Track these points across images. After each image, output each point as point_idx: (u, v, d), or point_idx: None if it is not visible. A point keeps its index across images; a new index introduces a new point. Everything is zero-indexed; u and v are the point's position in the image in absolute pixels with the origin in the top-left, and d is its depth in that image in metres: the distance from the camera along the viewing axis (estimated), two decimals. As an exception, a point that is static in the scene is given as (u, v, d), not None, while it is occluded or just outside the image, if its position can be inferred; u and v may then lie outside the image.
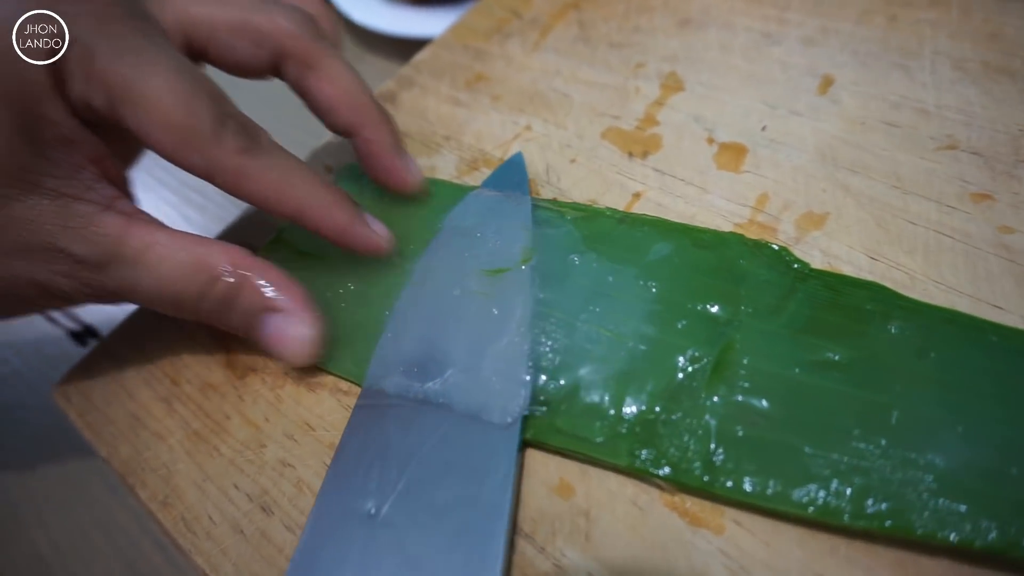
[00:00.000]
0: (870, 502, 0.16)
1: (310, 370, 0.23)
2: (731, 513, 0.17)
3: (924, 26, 0.26)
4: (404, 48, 0.42)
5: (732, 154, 0.24)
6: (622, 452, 0.18)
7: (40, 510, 0.30)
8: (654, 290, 0.21)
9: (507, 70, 0.30)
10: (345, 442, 0.20)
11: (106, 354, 0.25)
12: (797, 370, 0.19)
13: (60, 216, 0.19)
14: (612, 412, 0.19)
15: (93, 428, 0.24)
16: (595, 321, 0.21)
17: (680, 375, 0.19)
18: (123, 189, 0.22)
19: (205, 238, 0.21)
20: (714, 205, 0.23)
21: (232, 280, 0.21)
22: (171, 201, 0.42)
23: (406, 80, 0.31)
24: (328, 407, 0.22)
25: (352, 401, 0.22)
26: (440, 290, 0.22)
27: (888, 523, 0.16)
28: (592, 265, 0.22)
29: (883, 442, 0.17)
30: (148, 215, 0.21)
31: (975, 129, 0.22)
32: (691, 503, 0.18)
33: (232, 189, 0.21)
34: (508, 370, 0.20)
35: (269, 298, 0.21)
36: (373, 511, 0.18)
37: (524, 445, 0.19)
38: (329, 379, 0.22)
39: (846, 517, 0.16)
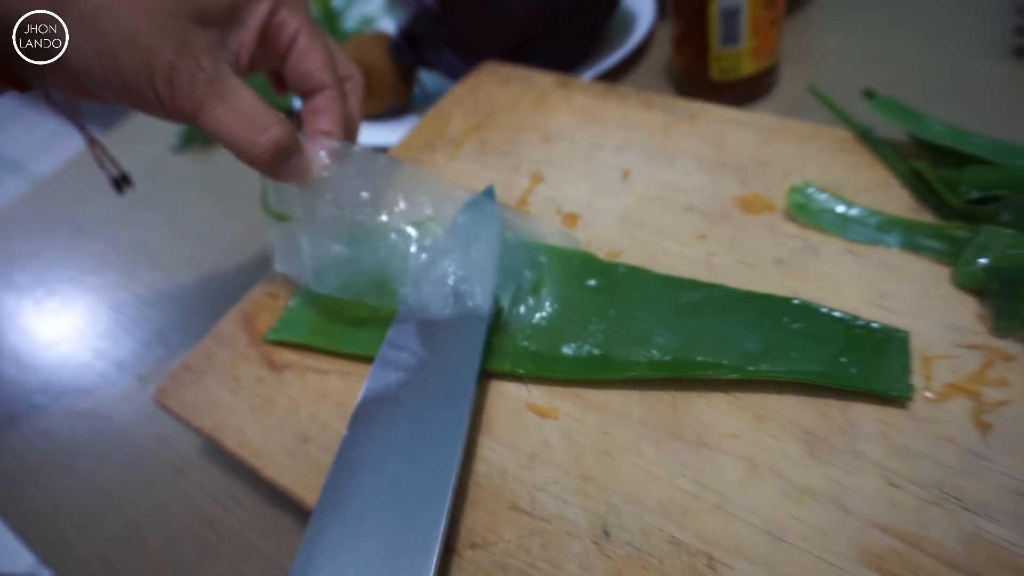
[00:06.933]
0: (604, 352, 0.32)
1: (321, 360, 0.37)
2: (563, 407, 0.32)
3: (684, 138, 0.43)
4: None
5: (571, 219, 0.40)
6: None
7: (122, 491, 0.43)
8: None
9: (434, 173, 0.46)
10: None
11: (186, 369, 0.39)
12: (575, 291, 0.35)
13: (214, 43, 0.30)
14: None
15: (186, 411, 0.37)
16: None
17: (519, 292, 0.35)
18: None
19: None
20: (560, 250, 0.39)
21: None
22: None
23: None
24: (335, 385, 0.36)
25: (359, 380, 0.36)
26: None
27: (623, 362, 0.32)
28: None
29: (603, 326, 0.33)
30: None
31: (705, 197, 0.39)
32: (540, 404, 0.33)
33: None
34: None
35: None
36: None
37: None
38: (336, 366, 0.37)
39: (599, 367, 0.32)
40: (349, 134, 0.35)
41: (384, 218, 0.35)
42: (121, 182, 0.41)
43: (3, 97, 0.32)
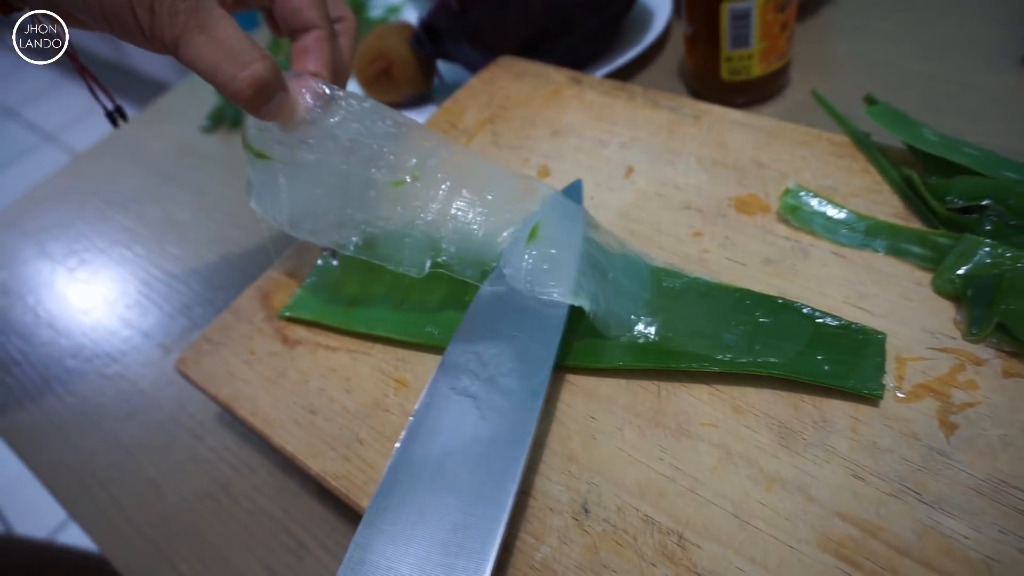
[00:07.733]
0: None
1: (331, 337, 0.39)
2: (553, 391, 0.34)
3: (687, 138, 0.44)
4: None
5: (574, 213, 0.42)
6: None
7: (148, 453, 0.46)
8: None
9: (447, 163, 0.48)
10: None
11: (205, 340, 0.42)
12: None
13: None
14: None
15: (204, 380, 0.40)
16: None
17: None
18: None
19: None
20: (561, 242, 0.41)
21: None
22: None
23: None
24: (342, 361, 0.39)
25: (364, 357, 0.38)
26: None
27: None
28: None
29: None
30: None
31: (703, 196, 0.41)
32: (535, 391, 0.35)
33: None
34: None
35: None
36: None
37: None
38: (345, 343, 0.39)
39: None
40: (337, 77, 0.34)
41: (366, 168, 0.34)
42: (116, 115, 0.40)
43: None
